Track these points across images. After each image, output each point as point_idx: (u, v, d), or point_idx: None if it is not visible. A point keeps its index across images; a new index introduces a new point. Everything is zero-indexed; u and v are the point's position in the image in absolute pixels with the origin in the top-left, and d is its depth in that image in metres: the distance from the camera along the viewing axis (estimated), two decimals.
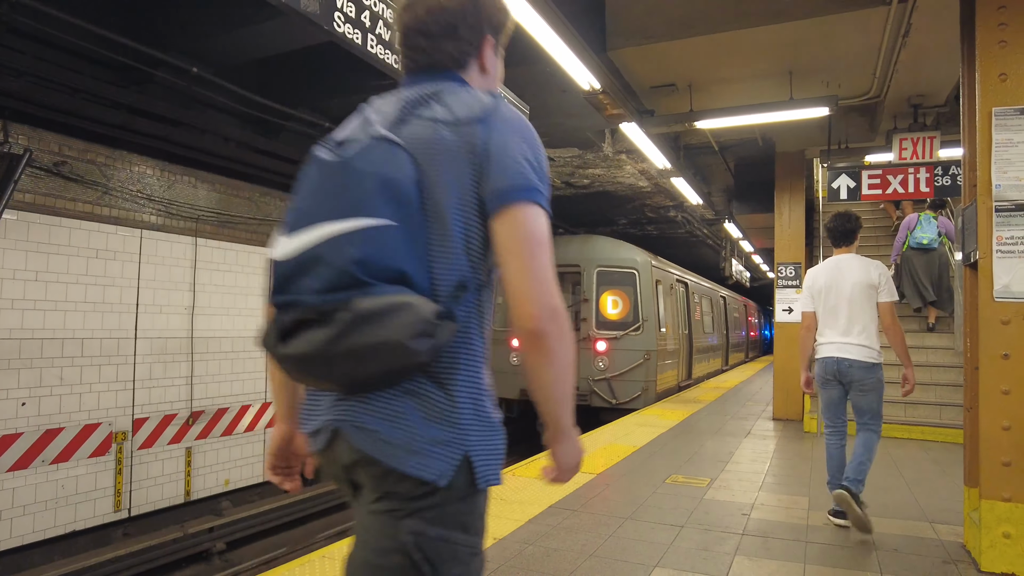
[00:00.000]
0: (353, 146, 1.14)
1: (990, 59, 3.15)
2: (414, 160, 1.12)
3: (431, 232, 1.12)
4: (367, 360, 1.04)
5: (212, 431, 7.21)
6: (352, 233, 1.06)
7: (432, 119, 1.16)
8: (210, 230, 7.19)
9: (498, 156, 1.13)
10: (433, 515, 1.11)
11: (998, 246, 3.12)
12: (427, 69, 1.28)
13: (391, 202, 1.08)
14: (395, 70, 3.35)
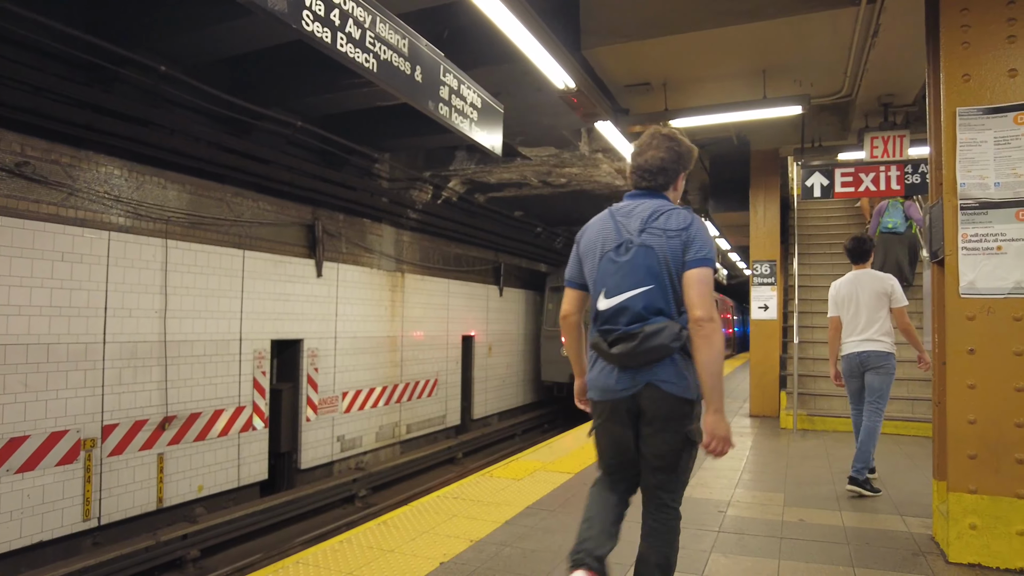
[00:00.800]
0: (629, 252, 2.22)
1: (954, 60, 3.20)
2: (659, 255, 2.19)
3: (669, 287, 2.19)
4: (652, 353, 2.15)
5: (185, 436, 7.09)
6: (638, 294, 2.19)
7: (663, 229, 2.21)
8: (181, 232, 7.07)
9: (694, 243, 2.19)
10: (693, 415, 2.22)
11: (963, 244, 3.16)
12: (647, 190, 2.37)
13: (653, 278, 2.19)
14: (367, 69, 3.31)
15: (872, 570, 3.16)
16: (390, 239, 10.66)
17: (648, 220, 2.23)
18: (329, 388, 9.26)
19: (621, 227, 2.27)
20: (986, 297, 3.12)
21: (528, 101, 7.14)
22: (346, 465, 9.70)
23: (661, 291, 2.17)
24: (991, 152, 3.11)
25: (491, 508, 4.12)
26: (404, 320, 10.97)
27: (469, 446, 12.27)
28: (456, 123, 4.10)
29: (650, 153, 2.35)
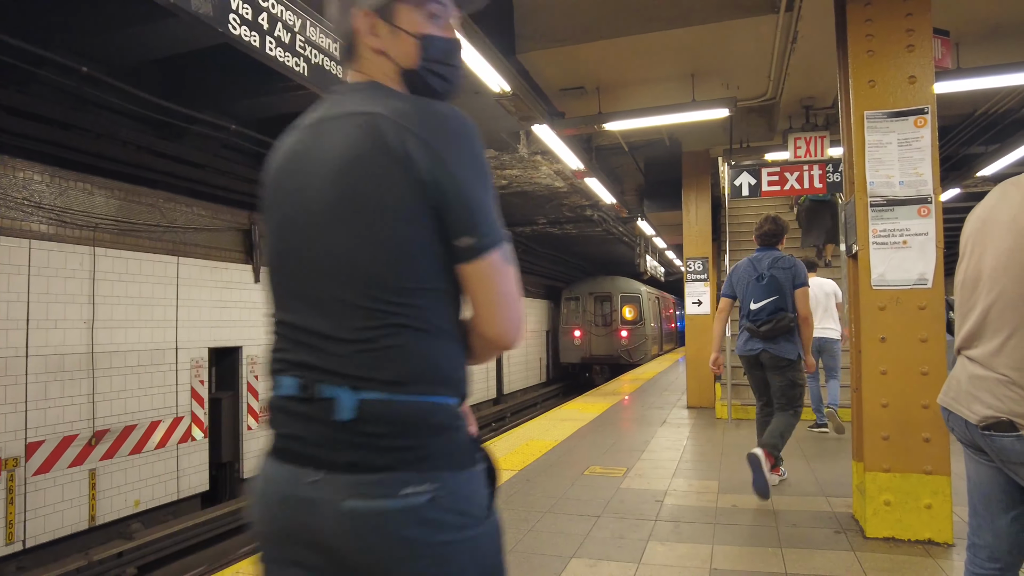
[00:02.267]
0: (764, 279, 4.39)
1: (860, 67, 3.42)
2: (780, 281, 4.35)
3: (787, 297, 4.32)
4: (778, 331, 4.28)
5: (119, 450, 6.84)
6: (771, 301, 4.34)
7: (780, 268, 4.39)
8: (110, 239, 6.82)
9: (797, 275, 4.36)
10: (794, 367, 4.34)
11: (874, 238, 3.38)
12: (768, 246, 4.58)
13: (778, 292, 4.32)
14: (297, 73, 3.30)
15: (798, 549, 3.34)
16: None
17: (772, 263, 4.44)
18: None
19: (757, 266, 4.50)
20: (895, 288, 3.34)
21: (465, 104, 7.18)
22: None
23: (782, 300, 4.33)
24: (896, 153, 3.33)
25: None
26: None
27: None
28: None
29: (767, 227, 4.60)
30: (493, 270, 1.04)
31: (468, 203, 1.02)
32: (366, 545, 0.95)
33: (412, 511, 0.95)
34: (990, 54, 5.76)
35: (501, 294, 1.05)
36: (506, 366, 18.37)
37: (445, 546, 0.97)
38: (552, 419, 7.93)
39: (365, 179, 1.00)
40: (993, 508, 1.83)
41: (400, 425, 0.99)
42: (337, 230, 1.02)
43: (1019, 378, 1.65)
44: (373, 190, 1.00)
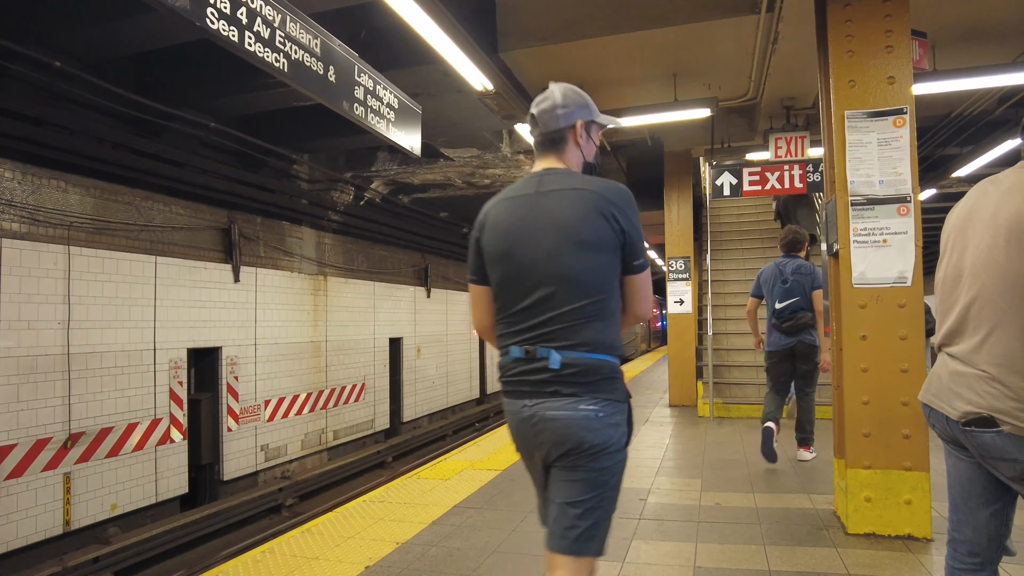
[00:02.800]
0: (788, 283, 5.19)
1: (841, 67, 3.45)
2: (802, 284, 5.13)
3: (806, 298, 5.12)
4: (803, 327, 5.09)
5: (95, 453, 6.72)
6: (794, 301, 5.14)
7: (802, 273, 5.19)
8: (86, 238, 6.69)
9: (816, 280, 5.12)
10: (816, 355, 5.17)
11: (854, 237, 3.41)
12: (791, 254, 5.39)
13: (801, 293, 5.12)
14: (277, 69, 3.25)
15: (781, 546, 3.35)
16: (311, 242, 10.43)
17: (795, 269, 5.21)
18: (251, 396, 8.98)
19: (783, 270, 5.26)
20: (875, 287, 3.38)
21: (449, 102, 7.16)
22: (271, 475, 9.43)
23: (803, 300, 5.10)
24: (875, 152, 3.36)
25: (418, 509, 4.12)
26: (328, 324, 10.76)
27: (399, 449, 12.16)
28: (373, 124, 4.08)
29: (789, 237, 5.43)
30: (644, 278, 1.82)
31: (638, 243, 1.77)
32: (560, 438, 1.69)
33: (584, 419, 1.68)
34: (965, 56, 5.85)
35: (646, 291, 1.84)
36: (489, 367, 18.34)
37: (599, 446, 1.69)
38: None
39: (589, 229, 1.70)
40: (973, 503, 1.85)
41: (583, 371, 1.69)
42: (566, 259, 1.70)
43: (999, 374, 1.66)
44: (593, 235, 1.70)
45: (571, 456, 1.69)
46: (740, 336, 8.60)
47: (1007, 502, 1.82)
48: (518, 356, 1.74)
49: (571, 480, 1.72)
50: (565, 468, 1.72)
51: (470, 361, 16.98)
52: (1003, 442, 1.66)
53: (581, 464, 1.69)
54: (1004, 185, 1.76)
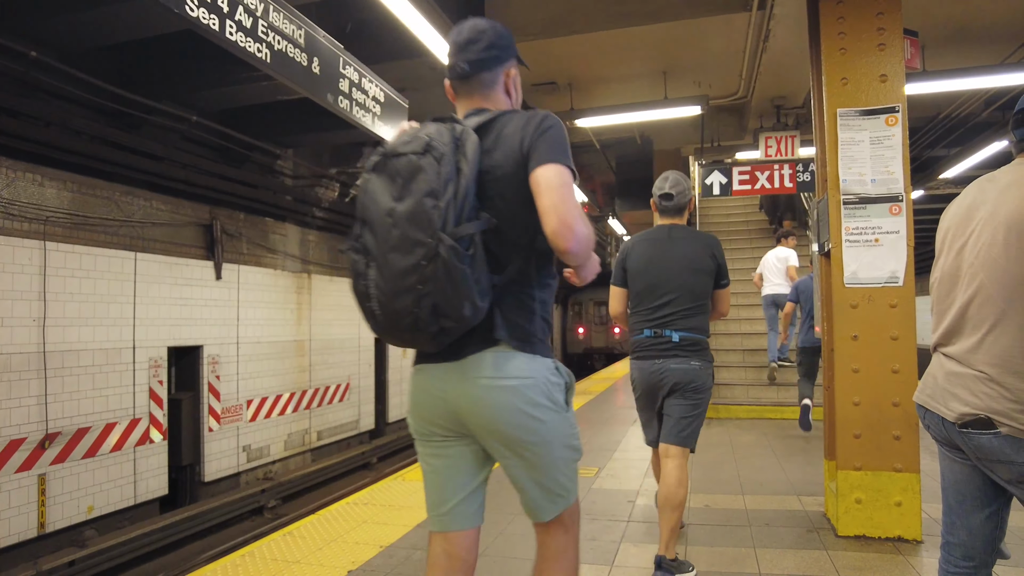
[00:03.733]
0: None
1: (833, 64, 3.41)
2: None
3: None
4: None
5: (71, 454, 6.56)
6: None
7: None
8: (62, 233, 6.53)
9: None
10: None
11: (846, 236, 3.37)
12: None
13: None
14: (259, 59, 3.16)
15: (771, 549, 3.31)
16: (295, 239, 10.29)
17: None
18: (232, 396, 8.83)
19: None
20: (867, 286, 3.34)
21: (436, 97, 7.06)
22: (254, 476, 9.29)
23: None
24: (868, 151, 3.33)
25: (403, 512, 4.03)
26: (312, 323, 10.62)
27: (384, 450, 12.04)
28: (358, 117, 3.99)
29: None
30: (728, 292, 3.08)
31: (724, 270, 3.03)
32: (685, 379, 2.89)
33: (695, 368, 2.90)
34: (954, 57, 5.86)
35: (728, 298, 3.09)
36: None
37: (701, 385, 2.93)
38: None
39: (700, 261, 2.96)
40: (968, 506, 1.81)
41: (692, 343, 2.91)
42: (687, 278, 2.94)
43: (997, 374, 1.62)
44: (702, 265, 2.97)
45: (685, 389, 2.93)
46: (728, 336, 8.59)
47: (1002, 505, 1.78)
48: (649, 335, 2.99)
49: (683, 403, 2.94)
50: (679, 396, 2.94)
51: None
52: (1000, 444, 1.62)
53: (689, 394, 2.93)
54: (1002, 182, 1.72)
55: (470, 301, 1.41)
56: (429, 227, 1.38)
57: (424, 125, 1.52)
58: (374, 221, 1.46)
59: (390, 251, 1.43)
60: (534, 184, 1.46)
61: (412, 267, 1.39)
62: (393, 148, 1.49)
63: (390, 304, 1.43)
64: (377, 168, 1.50)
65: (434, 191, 1.39)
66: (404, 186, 1.43)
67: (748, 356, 8.27)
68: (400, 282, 1.41)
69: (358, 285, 1.48)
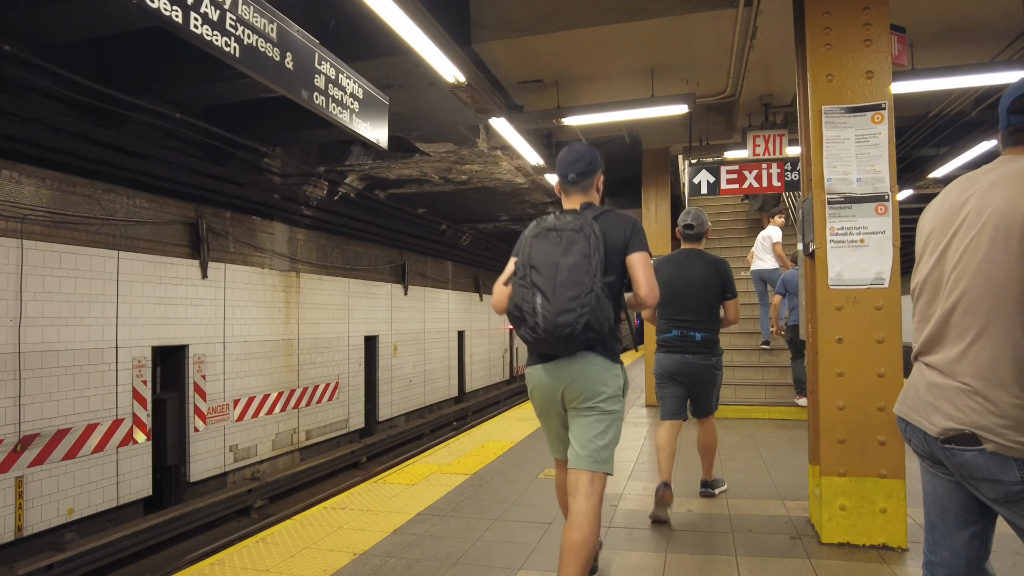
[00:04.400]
0: None
1: (818, 61, 3.33)
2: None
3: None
4: None
5: (51, 456, 6.46)
6: None
7: None
8: (41, 231, 6.42)
9: None
10: None
11: (831, 236, 3.30)
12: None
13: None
14: (228, 54, 3.07)
15: (753, 557, 3.24)
16: (283, 237, 10.19)
17: None
18: (219, 396, 8.74)
19: None
20: (852, 288, 3.27)
21: (422, 95, 6.98)
22: (241, 476, 9.20)
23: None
24: (853, 149, 3.25)
25: (380, 517, 3.95)
26: (300, 322, 10.53)
27: (374, 449, 11.97)
28: (335, 114, 3.90)
29: None
30: (734, 303, 3.90)
31: (730, 283, 3.90)
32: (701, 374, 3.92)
33: (712, 364, 3.93)
34: (943, 55, 5.79)
35: (735, 308, 3.90)
36: (468, 363, 18.19)
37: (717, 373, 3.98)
38: (511, 419, 7.79)
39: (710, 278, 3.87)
40: (951, 524, 1.72)
41: (709, 341, 3.91)
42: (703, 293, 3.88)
43: (982, 387, 1.53)
44: (713, 280, 3.88)
45: (704, 376, 3.92)
46: None
47: (987, 523, 1.69)
48: (677, 334, 3.91)
49: (704, 381, 3.94)
50: (700, 379, 3.92)
51: (449, 359, 16.79)
52: (986, 461, 1.54)
53: (708, 377, 3.93)
54: (987, 179, 1.62)
55: (608, 320, 2.30)
56: (587, 274, 2.23)
57: (564, 213, 2.42)
58: (544, 267, 2.29)
59: (559, 286, 2.24)
60: (631, 262, 2.38)
61: (575, 297, 2.21)
62: (552, 225, 2.36)
63: (554, 320, 2.22)
64: (539, 236, 2.37)
65: (588, 253, 2.25)
66: (567, 248, 2.28)
67: (736, 355, 8.22)
68: (566, 306, 2.21)
69: (524, 306, 2.29)
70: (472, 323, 18.67)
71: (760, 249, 8.23)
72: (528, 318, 2.28)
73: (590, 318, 2.21)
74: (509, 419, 7.77)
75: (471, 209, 14.12)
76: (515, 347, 22.67)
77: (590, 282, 2.23)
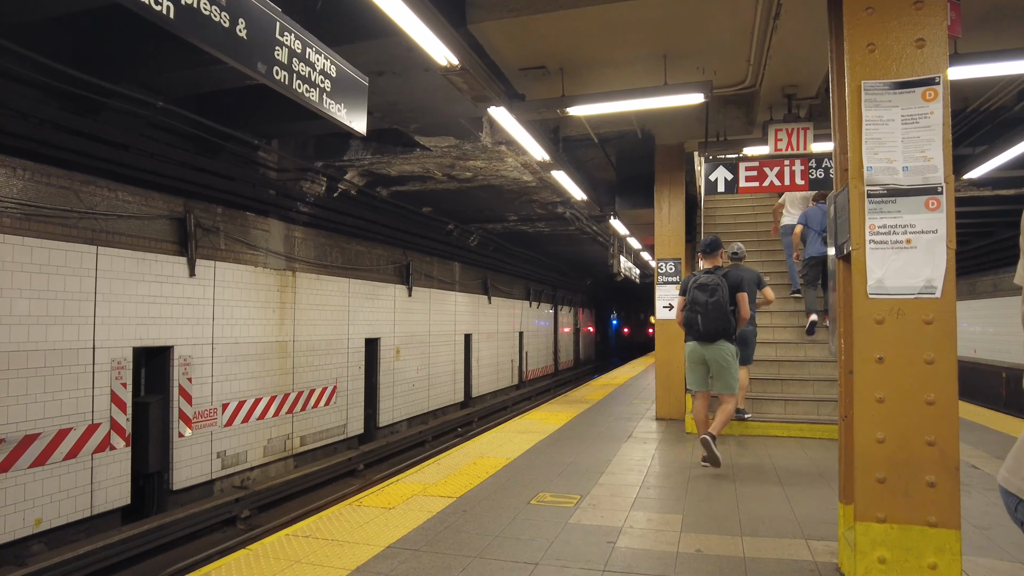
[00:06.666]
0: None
1: (858, 28, 2.81)
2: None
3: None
4: None
5: (17, 463, 6.06)
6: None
7: None
8: (10, 224, 6.03)
9: None
10: None
11: (871, 236, 2.78)
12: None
13: None
14: (158, 13, 2.61)
15: None
16: (279, 235, 9.77)
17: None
18: (206, 400, 8.32)
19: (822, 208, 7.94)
20: (896, 297, 2.75)
21: (417, 83, 6.52)
22: (229, 483, 8.78)
23: None
24: (899, 132, 2.73)
25: (345, 549, 3.48)
26: (296, 323, 10.10)
27: (373, 456, 11.52)
28: (300, 92, 3.44)
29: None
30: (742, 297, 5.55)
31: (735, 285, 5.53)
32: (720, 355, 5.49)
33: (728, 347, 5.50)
34: (987, 39, 5.23)
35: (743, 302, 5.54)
36: (475, 367, 17.71)
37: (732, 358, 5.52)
38: (509, 431, 7.29)
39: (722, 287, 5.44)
40: None
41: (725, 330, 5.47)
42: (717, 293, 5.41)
43: None
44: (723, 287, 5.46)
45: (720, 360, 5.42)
46: None
47: None
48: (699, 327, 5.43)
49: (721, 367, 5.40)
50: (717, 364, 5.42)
51: (454, 363, 16.32)
52: None
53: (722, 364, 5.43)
54: None
55: (729, 325, 5.34)
56: (723, 308, 5.31)
57: (707, 271, 5.46)
58: (699, 303, 5.36)
59: (707, 312, 5.34)
60: (739, 297, 5.43)
61: (718, 318, 5.31)
62: (704, 281, 5.38)
63: (708, 328, 5.33)
64: (697, 287, 5.40)
65: (720, 296, 5.30)
66: (711, 293, 5.32)
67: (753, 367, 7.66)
68: (714, 323, 5.32)
69: (692, 321, 5.42)
70: (480, 326, 18.20)
71: (793, 203, 8.52)
72: (694, 327, 5.40)
73: (722, 326, 5.31)
74: (507, 431, 7.28)
75: (478, 209, 13.65)
76: (524, 351, 22.13)
77: (725, 311, 5.31)
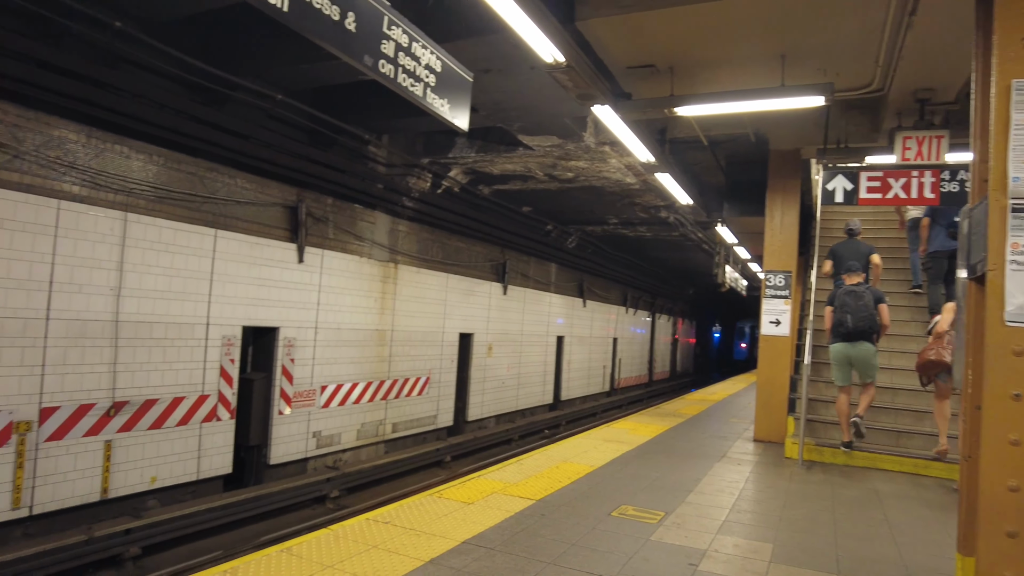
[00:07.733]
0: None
1: (1011, 17, 2.49)
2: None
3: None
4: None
5: (138, 423, 6.59)
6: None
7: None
8: (145, 205, 6.56)
9: None
10: None
11: (1012, 256, 2.46)
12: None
13: None
14: (273, 7, 2.71)
15: None
16: (384, 227, 10.10)
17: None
18: (306, 380, 8.73)
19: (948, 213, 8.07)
20: None
21: (523, 81, 6.51)
22: (322, 463, 9.17)
23: None
24: None
25: (421, 540, 3.50)
26: (395, 313, 10.40)
27: (460, 449, 11.69)
28: (405, 85, 3.49)
29: None
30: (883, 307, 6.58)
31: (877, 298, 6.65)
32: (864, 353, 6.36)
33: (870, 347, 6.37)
34: None
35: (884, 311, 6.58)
36: (566, 370, 17.60)
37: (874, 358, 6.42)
38: (596, 439, 7.15)
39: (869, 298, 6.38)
40: None
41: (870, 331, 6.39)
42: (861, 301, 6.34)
43: None
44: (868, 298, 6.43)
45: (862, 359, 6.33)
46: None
47: None
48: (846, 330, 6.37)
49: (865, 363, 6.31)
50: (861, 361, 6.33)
51: (545, 364, 16.29)
52: None
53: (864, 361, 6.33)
54: None
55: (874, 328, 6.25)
56: (869, 309, 6.23)
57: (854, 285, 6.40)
58: (849, 308, 6.28)
59: (855, 312, 6.24)
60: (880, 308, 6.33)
61: (864, 318, 6.20)
62: (850, 290, 6.33)
63: (856, 326, 6.20)
64: (847, 294, 6.32)
65: (867, 302, 6.24)
66: (859, 298, 6.26)
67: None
68: (861, 322, 6.19)
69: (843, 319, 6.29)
70: (573, 329, 18.07)
71: None
72: (843, 327, 6.25)
73: (868, 325, 6.17)
74: (594, 438, 7.14)
75: (578, 210, 13.53)
76: (618, 358, 21.75)
77: (871, 313, 6.19)
